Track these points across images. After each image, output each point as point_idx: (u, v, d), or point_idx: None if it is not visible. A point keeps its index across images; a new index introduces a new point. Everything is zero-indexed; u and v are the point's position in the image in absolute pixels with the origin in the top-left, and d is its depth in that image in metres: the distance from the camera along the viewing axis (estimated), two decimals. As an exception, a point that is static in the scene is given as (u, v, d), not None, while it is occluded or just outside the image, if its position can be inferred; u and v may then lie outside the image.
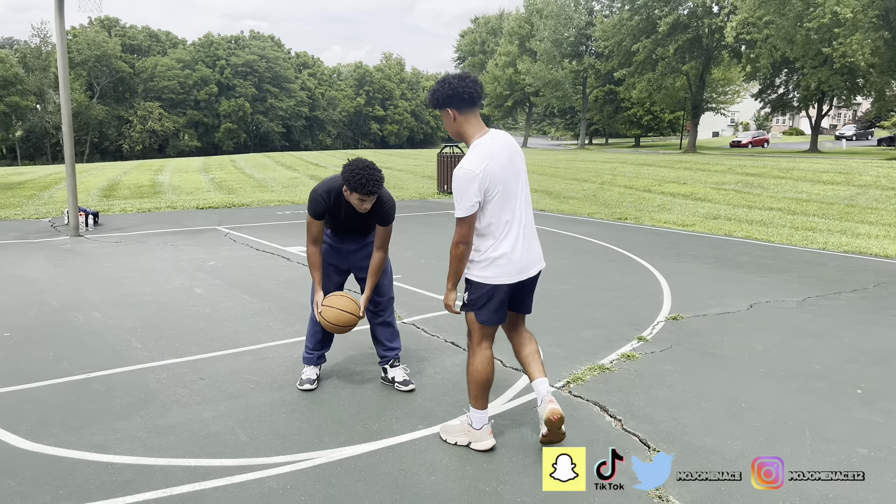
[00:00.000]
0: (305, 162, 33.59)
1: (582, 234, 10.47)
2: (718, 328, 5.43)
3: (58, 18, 9.01)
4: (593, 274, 7.63)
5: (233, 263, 7.95)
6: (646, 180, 19.69)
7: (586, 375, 4.33)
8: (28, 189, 20.59)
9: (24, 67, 74.90)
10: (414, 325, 5.46)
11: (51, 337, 5.10)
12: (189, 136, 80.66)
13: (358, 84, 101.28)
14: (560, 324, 5.54)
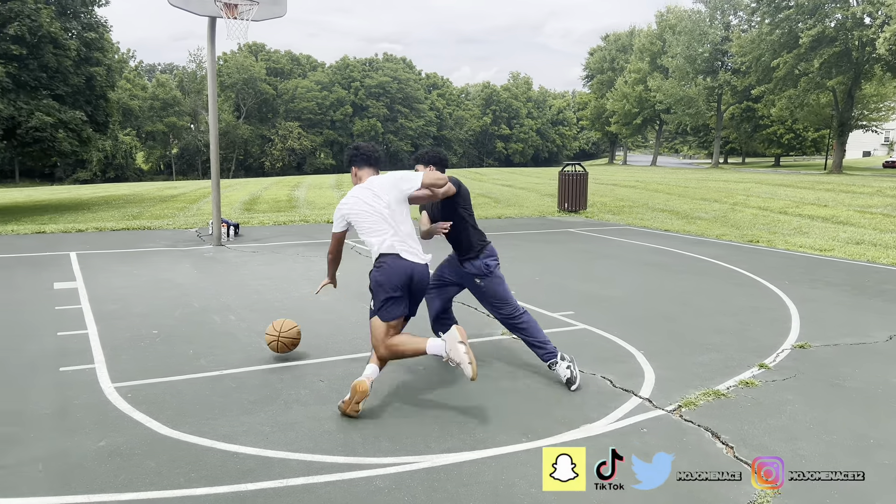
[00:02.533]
0: (431, 179, 34.37)
1: (707, 256, 10.08)
2: (850, 359, 5.09)
3: (210, 46, 9.88)
4: (716, 297, 7.35)
5: (357, 275, 8.31)
6: (782, 202, 18.61)
7: (700, 400, 4.20)
8: (180, 202, 22.49)
9: (181, 90, 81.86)
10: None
11: (191, 336, 5.59)
12: (325, 155, 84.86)
13: (485, 103, 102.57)
14: (676, 346, 5.40)
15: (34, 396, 4.18)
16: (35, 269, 8.33)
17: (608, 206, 18.56)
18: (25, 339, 5.40)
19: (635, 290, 7.65)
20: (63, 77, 20.06)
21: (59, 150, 20.23)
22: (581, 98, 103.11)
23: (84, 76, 20.94)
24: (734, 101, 54.30)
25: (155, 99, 77.78)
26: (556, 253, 10.52)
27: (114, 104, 24.20)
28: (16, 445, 3.51)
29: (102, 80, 21.83)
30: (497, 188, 27.15)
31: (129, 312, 6.33)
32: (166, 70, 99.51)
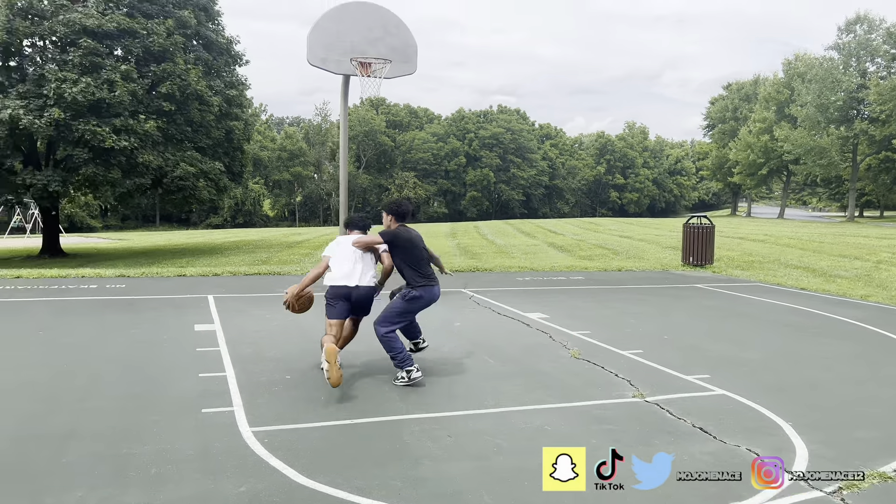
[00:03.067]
0: (544, 230, 34.24)
1: (852, 319, 9.32)
2: None
3: (343, 102, 10.38)
4: (866, 364, 6.74)
5: (476, 326, 8.31)
6: (934, 261, 17.06)
7: (864, 483, 3.81)
8: (304, 248, 23.52)
9: (307, 142, 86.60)
10: (658, 405, 5.24)
11: (322, 382, 5.71)
12: (438, 203, 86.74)
13: (599, 153, 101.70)
14: (828, 419, 4.96)
15: (179, 437, 4.38)
16: (178, 311, 8.88)
17: (736, 260, 17.68)
18: (171, 379, 5.71)
19: (774, 354, 7.16)
20: (206, 131, 21.74)
21: (199, 197, 21.79)
22: (701, 148, 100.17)
23: (224, 130, 22.60)
24: (872, 151, 50.89)
25: (283, 150, 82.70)
26: (683, 310, 10.07)
27: (248, 155, 25.90)
28: (166, 484, 3.67)
29: (240, 134, 23.47)
30: (615, 239, 26.59)
31: (263, 357, 6.58)
32: (294, 123, 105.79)
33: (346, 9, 9.59)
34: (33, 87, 18.37)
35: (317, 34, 9.46)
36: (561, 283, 12.64)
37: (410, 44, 9.92)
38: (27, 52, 19.91)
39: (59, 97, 17.90)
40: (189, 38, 22.03)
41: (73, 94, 17.80)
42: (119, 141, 18.85)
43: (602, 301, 10.60)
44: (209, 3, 23.02)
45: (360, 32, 9.52)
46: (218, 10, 23.71)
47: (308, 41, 9.46)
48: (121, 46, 19.91)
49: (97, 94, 18.33)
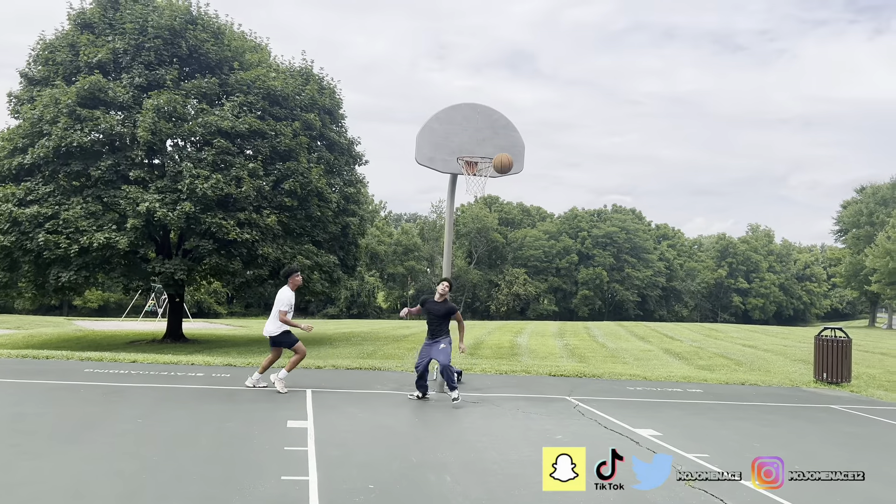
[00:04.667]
0: (659, 334, 32.64)
1: None
2: None
3: (449, 199, 10.40)
4: None
5: (579, 440, 7.67)
6: None
7: None
8: (410, 342, 23.47)
9: (422, 237, 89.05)
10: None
11: (406, 496, 5.32)
12: (548, 301, 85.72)
13: (720, 255, 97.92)
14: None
15: (248, 548, 4.10)
16: (275, 404, 8.82)
17: (878, 379, 15.88)
18: (252, 480, 5.51)
19: (935, 499, 6.06)
20: (323, 226, 22.63)
21: (313, 289, 22.44)
22: (832, 253, 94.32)
23: (340, 225, 23.45)
24: None
25: (398, 244, 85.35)
26: (817, 435, 8.95)
27: (363, 250, 26.66)
28: None
29: (355, 229, 24.26)
30: (737, 348, 24.83)
31: (349, 460, 6.29)
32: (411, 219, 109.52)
33: (456, 110, 9.74)
34: (170, 183, 19.90)
35: (426, 134, 9.63)
36: (676, 396, 11.69)
37: (518, 143, 9.89)
38: (168, 150, 21.76)
39: (191, 192, 19.27)
40: (314, 139, 23.38)
41: (204, 189, 19.10)
42: (242, 234, 19.90)
43: (722, 420, 9.63)
44: (334, 108, 24.47)
45: (468, 132, 9.60)
46: (342, 114, 25.14)
47: (417, 141, 9.63)
48: (251, 146, 21.37)
49: (225, 190, 19.59)
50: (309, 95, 22.82)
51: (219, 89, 21.56)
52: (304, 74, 23.91)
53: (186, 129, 20.30)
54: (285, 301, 9.15)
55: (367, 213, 27.91)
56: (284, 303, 9.13)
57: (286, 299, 9.16)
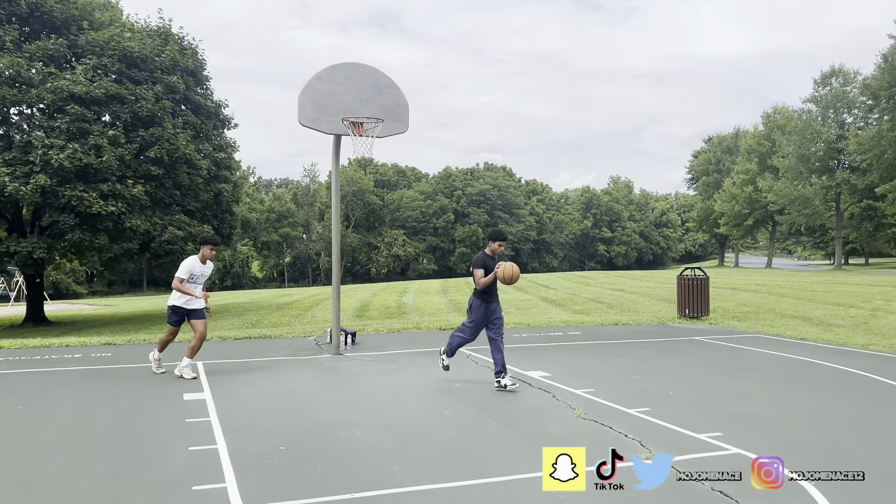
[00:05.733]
0: (536, 284, 34.10)
1: (856, 369, 9.14)
2: None
3: (334, 161, 10.32)
4: (881, 418, 6.53)
5: (477, 386, 8.05)
6: (929, 307, 17.01)
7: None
8: (294, 309, 23.21)
9: (295, 203, 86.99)
10: (672, 467, 4.97)
11: (318, 454, 5.43)
12: (427, 260, 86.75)
13: (585, 207, 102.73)
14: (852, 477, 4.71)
15: (169, 518, 4.08)
16: (167, 379, 8.56)
17: (731, 311, 17.56)
18: (159, 454, 5.40)
19: (787, 408, 6.93)
20: (194, 194, 21.67)
21: (188, 261, 21.54)
22: (686, 200, 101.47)
23: (213, 192, 22.55)
24: (854, 199, 51.66)
25: (271, 211, 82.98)
26: (685, 364, 9.85)
27: (237, 218, 25.81)
28: (153, 575, 3.37)
29: (229, 196, 23.42)
30: (607, 292, 26.47)
31: (255, 426, 6.28)
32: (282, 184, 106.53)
33: (338, 69, 9.62)
34: (19, 154, 18.29)
35: (308, 95, 9.46)
36: (559, 339, 12.42)
37: (402, 103, 9.94)
38: (14, 119, 19.92)
39: (45, 163, 17.82)
40: (178, 102, 22.18)
41: (60, 160, 17.73)
42: (106, 206, 18.70)
43: (603, 357, 10.38)
44: (197, 69, 23.28)
45: (351, 93, 9.53)
46: (206, 76, 23.97)
47: (299, 102, 9.45)
48: (109, 112, 19.97)
49: (84, 160, 18.27)
50: (169, 57, 21.55)
51: (67, 51, 19.88)
52: (162, 34, 22.52)
53: (34, 96, 18.63)
54: (183, 268, 8.38)
55: (238, 179, 26.92)
56: (182, 269, 8.37)
57: (185, 266, 8.38)
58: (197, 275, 8.50)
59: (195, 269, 8.46)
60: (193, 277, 8.47)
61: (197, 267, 8.48)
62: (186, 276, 8.37)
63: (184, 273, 8.36)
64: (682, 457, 5.21)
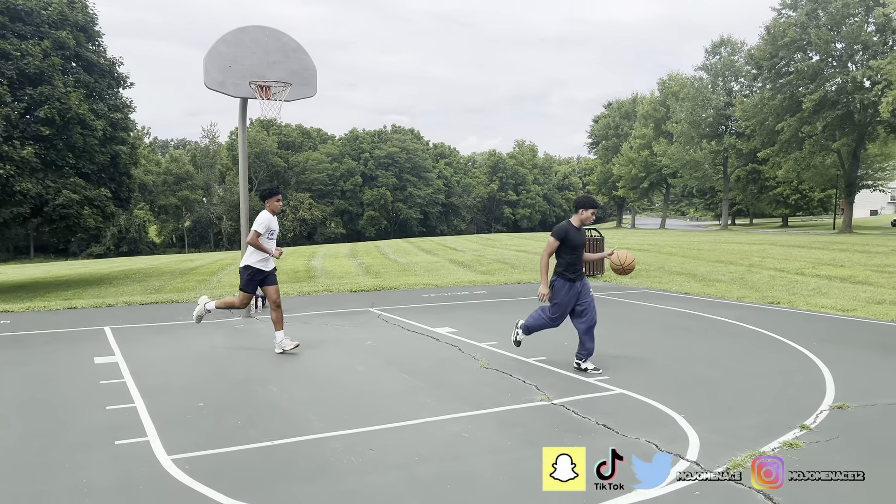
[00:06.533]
0: (444, 247, 34.76)
1: (731, 319, 10.17)
2: (890, 419, 5.14)
3: (241, 125, 10.31)
4: (747, 360, 7.42)
5: (387, 343, 8.46)
6: (798, 262, 18.74)
7: (747, 462, 4.25)
8: (199, 274, 22.80)
9: (194, 165, 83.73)
10: (564, 406, 5.58)
11: (237, 408, 5.70)
12: (335, 224, 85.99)
13: (491, 171, 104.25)
14: (716, 409, 5.46)
15: (94, 471, 4.28)
16: (74, 344, 8.50)
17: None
18: (77, 413, 5.52)
19: (666, 354, 7.73)
20: (89, 156, 20.76)
21: (84, 226, 20.74)
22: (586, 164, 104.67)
23: (109, 155, 21.65)
24: (740, 163, 55.08)
25: (168, 174, 79.64)
26: (580, 318, 10.59)
27: (136, 180, 24.89)
28: (87, 518, 3.61)
29: (126, 158, 22.54)
30: (512, 254, 27.41)
31: (171, 386, 6.45)
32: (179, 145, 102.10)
33: (244, 32, 9.56)
34: None
35: (213, 57, 9.38)
36: (465, 298, 12.98)
37: (309, 67, 10.01)
38: None
39: (-79, 123, 16.64)
40: (68, 59, 21.02)
41: (-62, 119, 16.60)
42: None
43: (506, 313, 11.00)
44: (88, 24, 22.08)
45: (258, 56, 9.52)
46: (98, 31, 22.76)
47: (205, 64, 9.36)
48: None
49: (-34, 119, 17.17)
50: (57, 10, 20.34)
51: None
52: (48, -15, 21.14)
53: None
54: (260, 222, 7.55)
55: (136, 141, 25.87)
56: (259, 223, 7.54)
57: (262, 220, 7.58)
58: (273, 229, 7.73)
59: (271, 224, 7.67)
60: (270, 233, 7.68)
61: (272, 222, 7.71)
62: (264, 230, 7.57)
63: (261, 227, 7.54)
64: (572, 397, 5.84)
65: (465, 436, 4.90)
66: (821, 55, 39.26)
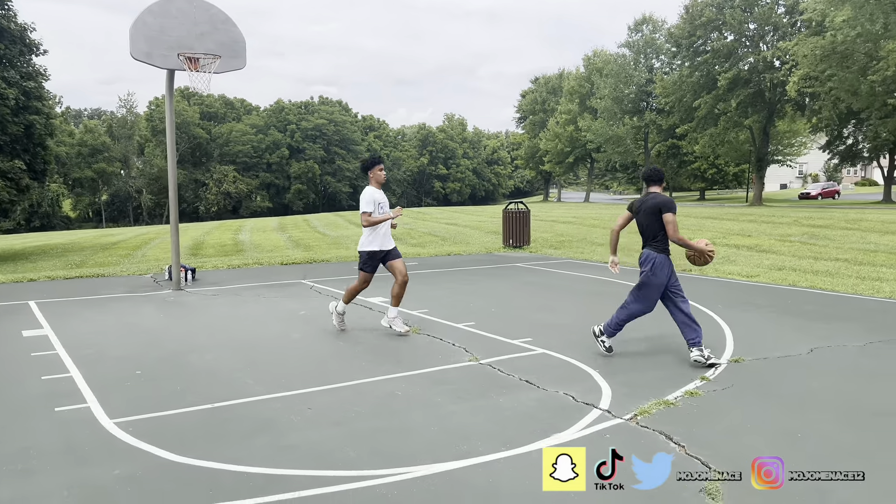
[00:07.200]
0: (373, 220, 34.78)
1: (646, 286, 10.82)
2: (778, 370, 5.77)
3: (168, 97, 10.19)
4: (659, 322, 8.01)
5: (321, 313, 8.67)
6: (710, 233, 19.84)
7: (652, 409, 4.76)
8: (121, 249, 22.22)
9: (111, 136, 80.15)
10: (490, 365, 5.98)
11: (175, 375, 5.85)
12: (261, 198, 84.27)
13: (421, 144, 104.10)
14: (628, 365, 5.97)
15: (38, 435, 4.40)
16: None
17: (549, 241, 19.37)
18: (11, 383, 5.55)
19: (584, 317, 8.25)
20: (1, 127, 19.81)
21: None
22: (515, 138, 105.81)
23: (22, 125, 20.71)
24: (660, 139, 57.01)
25: (83, 145, 76.03)
26: (507, 286, 11.09)
27: (51, 152, 23.90)
28: (36, 476, 3.76)
29: (41, 129, 21.61)
30: (442, 227, 27.80)
31: (106, 356, 6.51)
32: (94, 115, 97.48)
33: (171, 2, 9.40)
34: None
35: (139, 28, 9.22)
36: (395, 270, 13.27)
37: (238, 39, 9.96)
38: None
39: None
40: (-26, 24, 19.90)
41: None
42: None
43: (436, 283, 11.37)
44: (-4, -14, 20.91)
45: (186, 27, 9.41)
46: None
47: (131, 34, 9.18)
48: None
49: None
50: (-40, -29, 19.18)
51: None
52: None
53: None
54: (367, 200, 7.14)
55: (52, 111, 24.76)
56: (366, 202, 7.13)
57: (368, 197, 7.15)
58: (381, 202, 7.30)
59: (377, 196, 7.26)
60: (380, 206, 7.29)
61: (378, 194, 7.29)
62: (373, 207, 7.17)
63: (369, 205, 7.13)
64: (497, 357, 6.25)
65: (399, 394, 5.23)
66: (735, 35, 40.95)
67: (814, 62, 29.15)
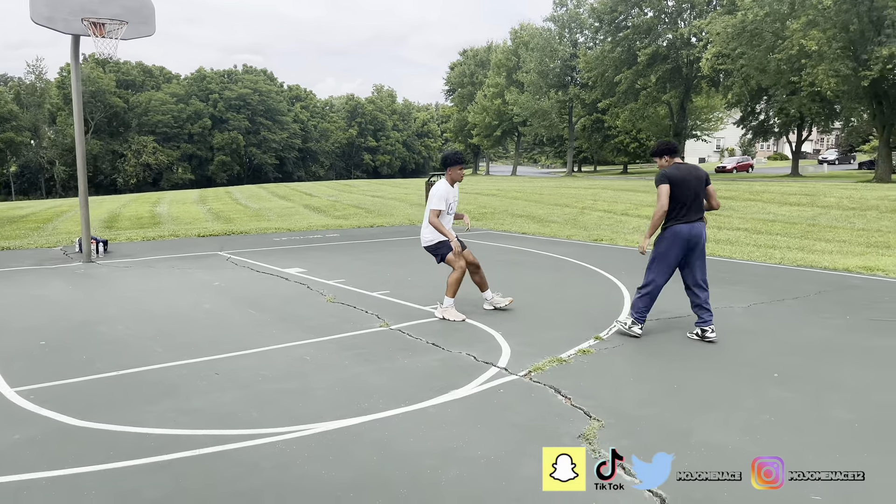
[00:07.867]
0: (299, 192, 34.41)
1: (559, 255, 11.25)
2: (668, 329, 6.20)
3: (74, 63, 9.84)
4: (565, 287, 8.41)
5: (236, 283, 8.69)
6: (625, 205, 20.59)
7: (546, 366, 5.07)
8: (31, 222, 21.27)
9: (19, 104, 75.75)
10: (401, 330, 6.20)
11: (81, 345, 5.82)
12: (183, 169, 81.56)
13: (350, 116, 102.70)
14: (529, 327, 6.30)
15: (-67, 405, 4.35)
16: None
17: (472, 213, 19.70)
18: None
19: (497, 285, 8.51)
20: None
21: None
22: (444, 111, 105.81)
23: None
24: (584, 113, 58.13)
25: (-11, 113, 71.57)
26: (425, 256, 11.25)
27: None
28: (-70, 444, 3.75)
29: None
30: (368, 199, 27.77)
31: (8, 328, 6.39)
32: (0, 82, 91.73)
33: (72, -36, 9.07)
34: None
35: (39, -10, 8.85)
36: (318, 241, 13.30)
37: (147, 5, 9.67)
38: None
39: None
40: None
41: None
42: None
43: (356, 254, 11.49)
44: None
45: (90, -10, 9.09)
46: None
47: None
48: None
49: None
50: None
51: None
52: None
53: None
54: (439, 196, 6.64)
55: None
56: (438, 198, 6.64)
57: (441, 194, 6.65)
58: (452, 202, 6.80)
59: (450, 196, 6.75)
60: (450, 207, 6.78)
61: (451, 193, 6.78)
62: (445, 205, 6.68)
63: (441, 202, 6.63)
64: (408, 323, 6.47)
65: (307, 359, 5.38)
66: (655, 11, 42.03)
67: (726, 40, 30.29)
